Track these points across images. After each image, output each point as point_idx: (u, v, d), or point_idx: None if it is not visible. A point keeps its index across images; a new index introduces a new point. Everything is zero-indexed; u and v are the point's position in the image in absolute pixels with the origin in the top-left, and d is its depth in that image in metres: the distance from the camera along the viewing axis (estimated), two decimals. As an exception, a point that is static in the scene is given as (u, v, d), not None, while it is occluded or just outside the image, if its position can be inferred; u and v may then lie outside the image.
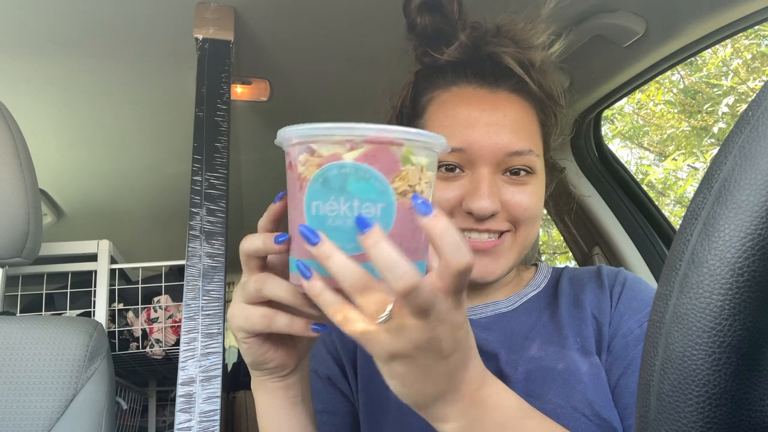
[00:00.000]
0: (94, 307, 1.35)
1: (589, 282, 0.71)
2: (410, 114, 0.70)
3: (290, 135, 0.41)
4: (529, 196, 0.63)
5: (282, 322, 0.47)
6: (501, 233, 0.64)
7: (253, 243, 0.46)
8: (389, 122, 0.75)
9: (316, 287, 0.41)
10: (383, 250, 0.37)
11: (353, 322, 0.39)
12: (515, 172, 0.63)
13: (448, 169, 0.63)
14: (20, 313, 1.41)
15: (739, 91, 4.38)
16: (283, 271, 0.47)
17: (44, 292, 1.37)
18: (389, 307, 0.39)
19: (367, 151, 0.39)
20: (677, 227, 0.29)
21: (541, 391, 0.60)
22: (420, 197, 0.39)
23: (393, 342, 0.39)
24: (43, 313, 1.37)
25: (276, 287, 0.46)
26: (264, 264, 0.48)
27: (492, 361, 0.64)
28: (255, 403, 0.56)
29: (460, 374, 0.43)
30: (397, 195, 0.39)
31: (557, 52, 0.67)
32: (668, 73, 3.13)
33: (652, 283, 1.25)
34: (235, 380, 2.71)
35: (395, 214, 0.40)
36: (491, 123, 0.62)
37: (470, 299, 0.71)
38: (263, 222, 0.48)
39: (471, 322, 0.56)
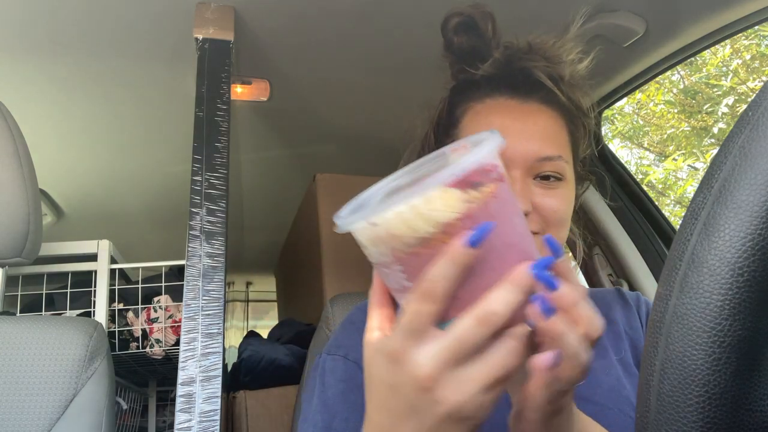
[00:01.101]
0: (94, 307, 1.35)
1: (613, 301, 0.76)
2: (446, 125, 0.73)
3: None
4: (558, 201, 0.65)
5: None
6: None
7: (510, 300, 0.33)
8: (426, 134, 0.78)
9: (561, 325, 0.34)
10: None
11: (584, 365, 0.36)
12: (545, 177, 0.65)
13: None
14: (20, 313, 1.40)
15: (738, 91, 4.38)
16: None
17: (44, 292, 1.37)
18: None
19: None
20: (677, 227, 0.29)
21: (588, 394, 0.63)
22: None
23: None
24: (43, 313, 1.37)
25: (517, 358, 0.34)
26: None
27: None
28: None
29: None
30: None
31: (586, 67, 0.71)
32: (668, 73, 3.12)
33: (653, 283, 1.25)
34: (235, 380, 2.70)
35: None
36: (522, 130, 0.65)
37: None
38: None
39: None
